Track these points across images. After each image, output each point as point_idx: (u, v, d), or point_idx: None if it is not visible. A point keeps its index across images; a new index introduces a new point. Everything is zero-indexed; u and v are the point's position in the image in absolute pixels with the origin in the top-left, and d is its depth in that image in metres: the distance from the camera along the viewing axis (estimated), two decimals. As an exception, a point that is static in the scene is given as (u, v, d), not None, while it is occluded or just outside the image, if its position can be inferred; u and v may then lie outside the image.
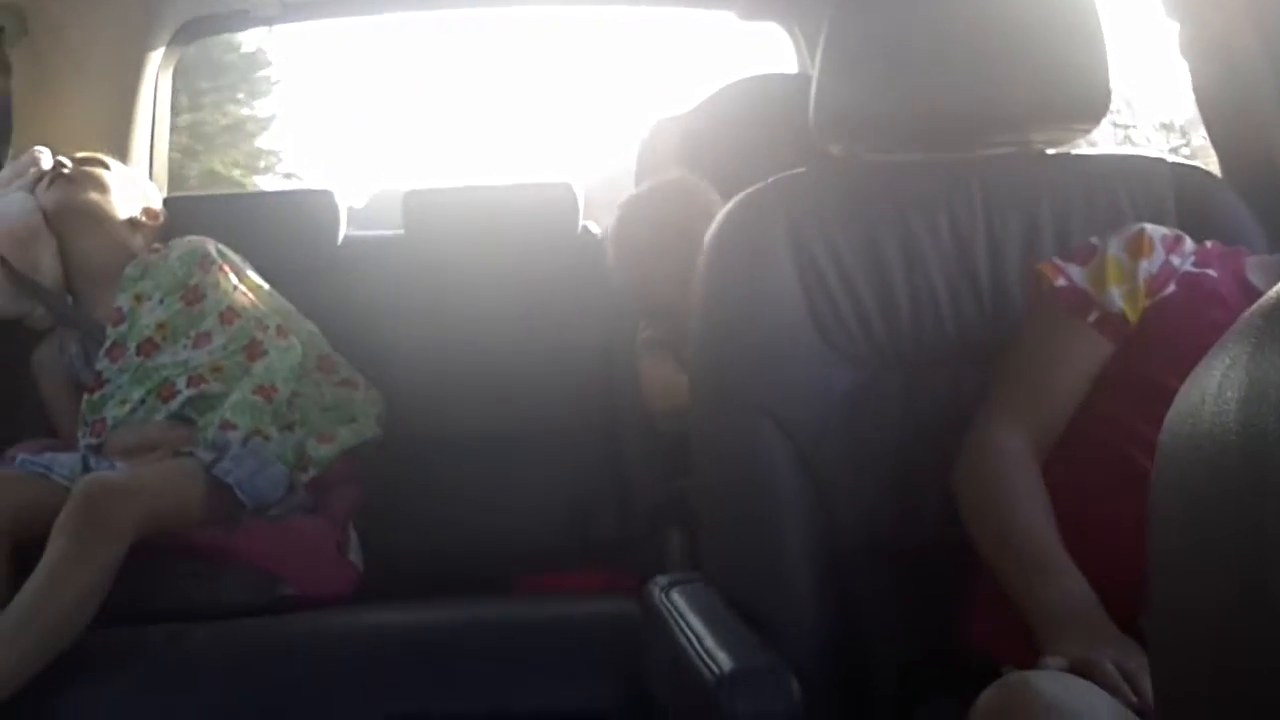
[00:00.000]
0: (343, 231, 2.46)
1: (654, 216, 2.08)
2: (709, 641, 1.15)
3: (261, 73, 9.43)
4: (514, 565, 2.20)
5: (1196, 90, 1.67)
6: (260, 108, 9.51)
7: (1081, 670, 0.94)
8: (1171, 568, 0.44)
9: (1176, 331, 1.17)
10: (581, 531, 2.27)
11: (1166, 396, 0.48)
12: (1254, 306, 0.42)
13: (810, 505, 1.31)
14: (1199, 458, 0.41)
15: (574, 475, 2.29)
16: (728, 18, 2.70)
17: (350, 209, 2.60)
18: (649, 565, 1.79)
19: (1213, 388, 0.41)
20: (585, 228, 2.48)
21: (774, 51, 2.73)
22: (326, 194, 2.49)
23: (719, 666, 1.09)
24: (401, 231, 2.48)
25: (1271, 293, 0.42)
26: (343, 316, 2.30)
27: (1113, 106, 1.40)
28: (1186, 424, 0.43)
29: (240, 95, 9.48)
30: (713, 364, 1.38)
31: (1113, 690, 0.91)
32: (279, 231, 2.40)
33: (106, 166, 2.25)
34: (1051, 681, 0.89)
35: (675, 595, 1.33)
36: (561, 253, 2.42)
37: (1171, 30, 1.64)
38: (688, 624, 1.22)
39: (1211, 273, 1.23)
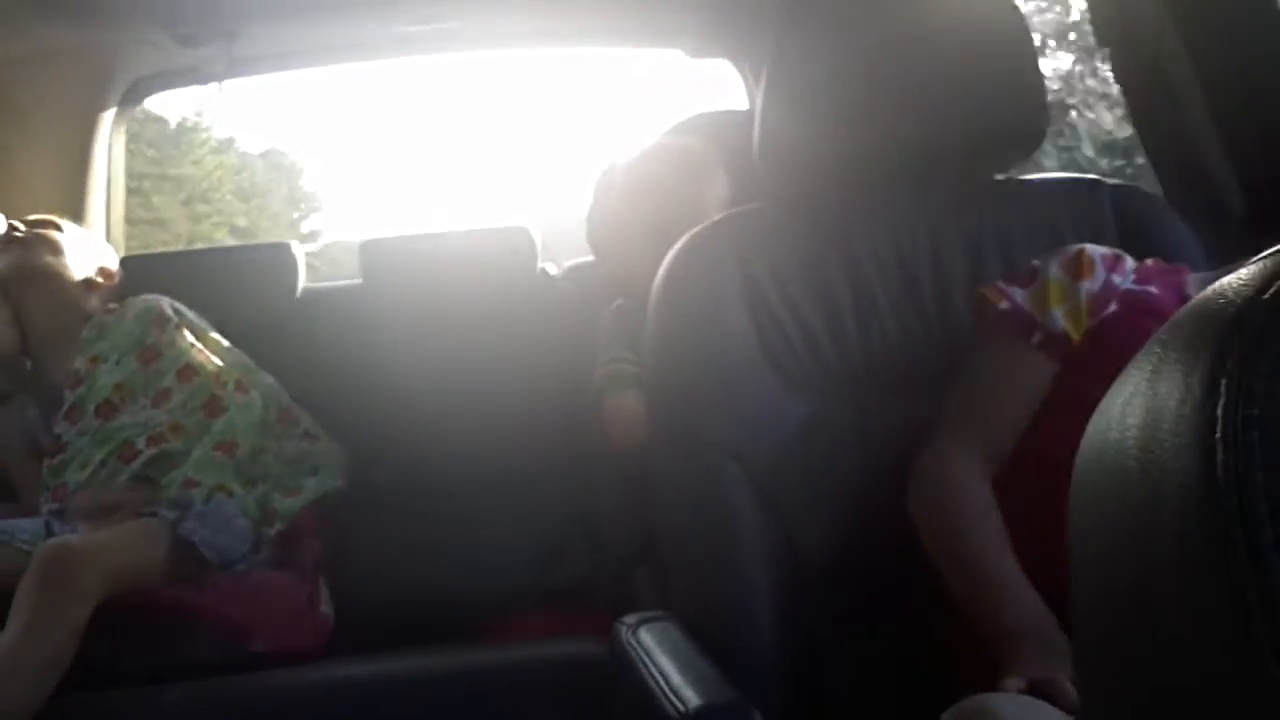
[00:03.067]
0: (301, 283, 2.46)
1: (636, 182, 1.94)
2: (675, 680, 1.15)
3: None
4: (484, 610, 2.19)
5: (1133, 112, 1.70)
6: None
7: (1040, 691, 0.95)
8: (1088, 592, 0.45)
9: (1119, 348, 1.18)
10: (552, 573, 2.27)
11: None
12: (1154, 335, 0.44)
13: (771, 537, 1.31)
14: (1105, 482, 0.43)
15: (542, 517, 2.29)
16: (677, 56, 2.73)
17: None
18: (619, 604, 1.79)
19: (1116, 414, 0.43)
20: (543, 270, 2.49)
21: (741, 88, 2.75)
22: (284, 247, 2.50)
23: (684, 704, 1.09)
24: (359, 281, 2.49)
25: (1169, 322, 0.43)
26: (304, 368, 2.29)
27: (1055, 129, 1.42)
28: (1095, 449, 0.44)
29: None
30: (669, 402, 1.40)
31: (1071, 710, 0.92)
32: (237, 286, 2.40)
33: (59, 228, 2.25)
34: (1009, 704, 0.90)
35: (642, 634, 1.33)
36: (521, 296, 2.43)
37: (1104, 54, 1.66)
38: (654, 662, 1.23)
39: (1153, 290, 1.25)
